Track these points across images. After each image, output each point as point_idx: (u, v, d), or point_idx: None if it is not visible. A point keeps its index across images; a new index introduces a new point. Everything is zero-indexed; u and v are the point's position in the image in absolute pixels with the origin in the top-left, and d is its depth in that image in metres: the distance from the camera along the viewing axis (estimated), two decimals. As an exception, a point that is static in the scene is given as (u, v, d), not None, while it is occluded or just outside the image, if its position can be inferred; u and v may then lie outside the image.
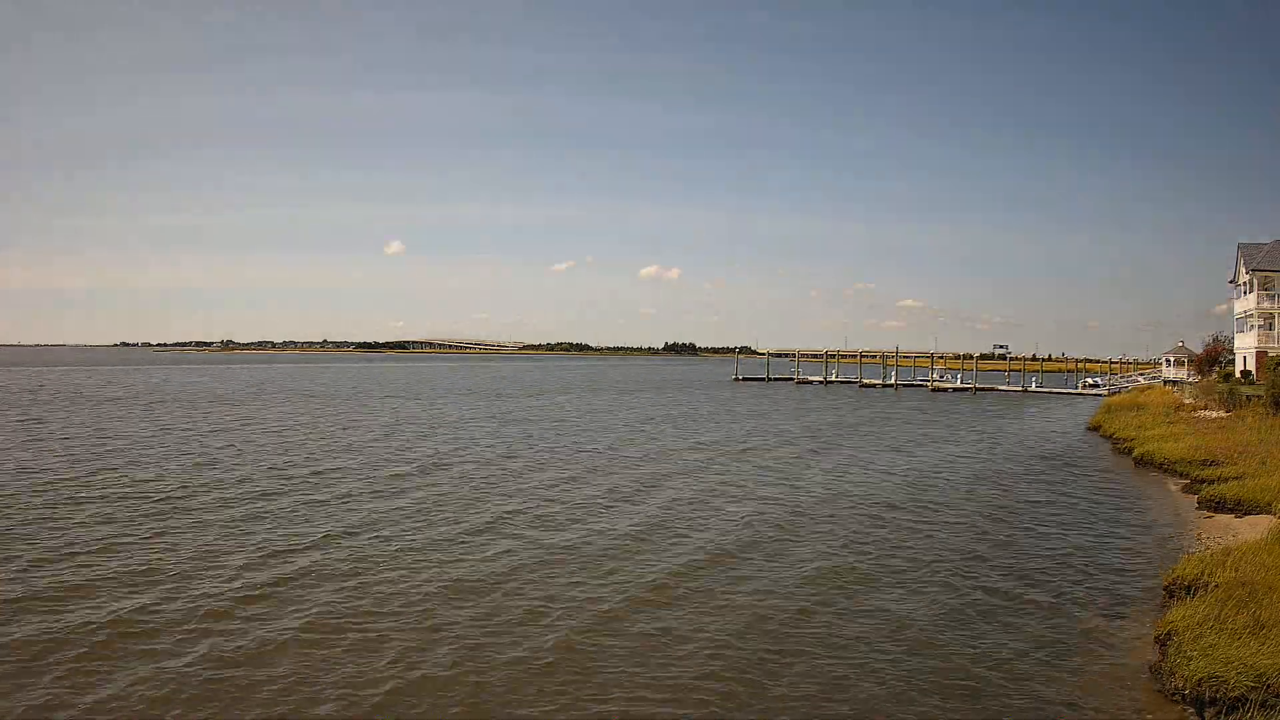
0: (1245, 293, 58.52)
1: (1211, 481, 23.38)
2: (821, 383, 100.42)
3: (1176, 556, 16.16)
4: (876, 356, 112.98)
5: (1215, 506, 21.22)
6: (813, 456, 33.26)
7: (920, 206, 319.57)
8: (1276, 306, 55.08)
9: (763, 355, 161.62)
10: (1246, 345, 58.33)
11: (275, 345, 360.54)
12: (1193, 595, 12.76)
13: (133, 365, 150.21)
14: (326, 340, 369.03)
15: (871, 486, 26.00)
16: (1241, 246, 59.95)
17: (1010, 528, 20.12)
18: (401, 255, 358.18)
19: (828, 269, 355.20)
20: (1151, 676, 10.66)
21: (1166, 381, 73.04)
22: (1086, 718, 9.77)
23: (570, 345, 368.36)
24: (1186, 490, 24.42)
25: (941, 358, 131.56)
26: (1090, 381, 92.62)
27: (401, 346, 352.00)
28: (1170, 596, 13.58)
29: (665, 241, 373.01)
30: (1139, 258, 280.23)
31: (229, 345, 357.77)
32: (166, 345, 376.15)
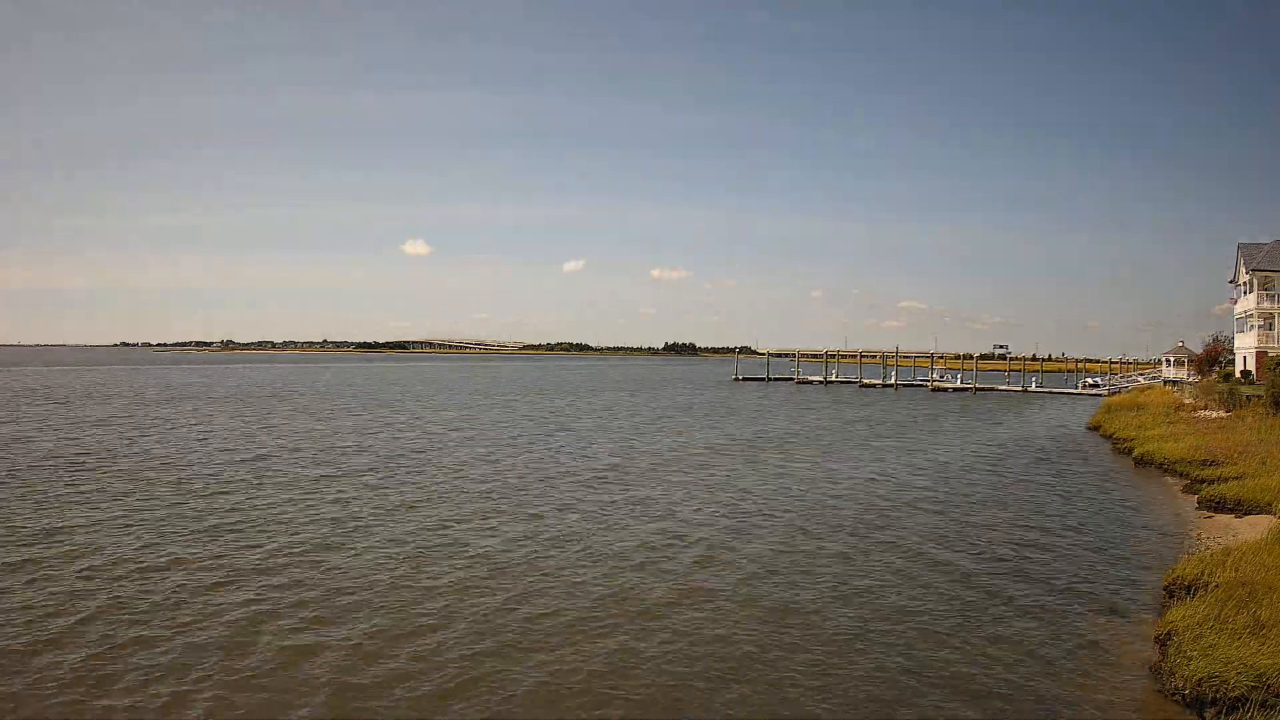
0: (1245, 293, 58.55)
1: (1211, 481, 23.39)
2: (821, 383, 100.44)
3: (1176, 556, 16.18)
4: (876, 356, 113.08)
5: (1215, 506, 21.23)
6: (813, 457, 33.26)
7: (920, 206, 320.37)
8: (1276, 306, 55.10)
9: (763, 355, 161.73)
10: (1246, 345, 58.36)
11: (275, 345, 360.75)
12: (1193, 595, 12.76)
13: (135, 365, 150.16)
14: (326, 340, 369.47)
15: (871, 486, 26.00)
16: (1241, 246, 59.99)
17: (1010, 527, 20.12)
18: (424, 255, 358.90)
19: (828, 269, 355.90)
20: (1151, 676, 10.67)
21: (1166, 381, 73.08)
22: (1086, 718, 9.77)
23: (570, 345, 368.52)
24: (1186, 490, 24.43)
25: (941, 358, 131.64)
26: (1090, 381, 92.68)
27: (401, 346, 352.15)
28: (1170, 596, 13.59)
29: (665, 242, 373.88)
30: (1139, 258, 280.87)
31: (229, 345, 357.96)
32: (166, 345, 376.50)
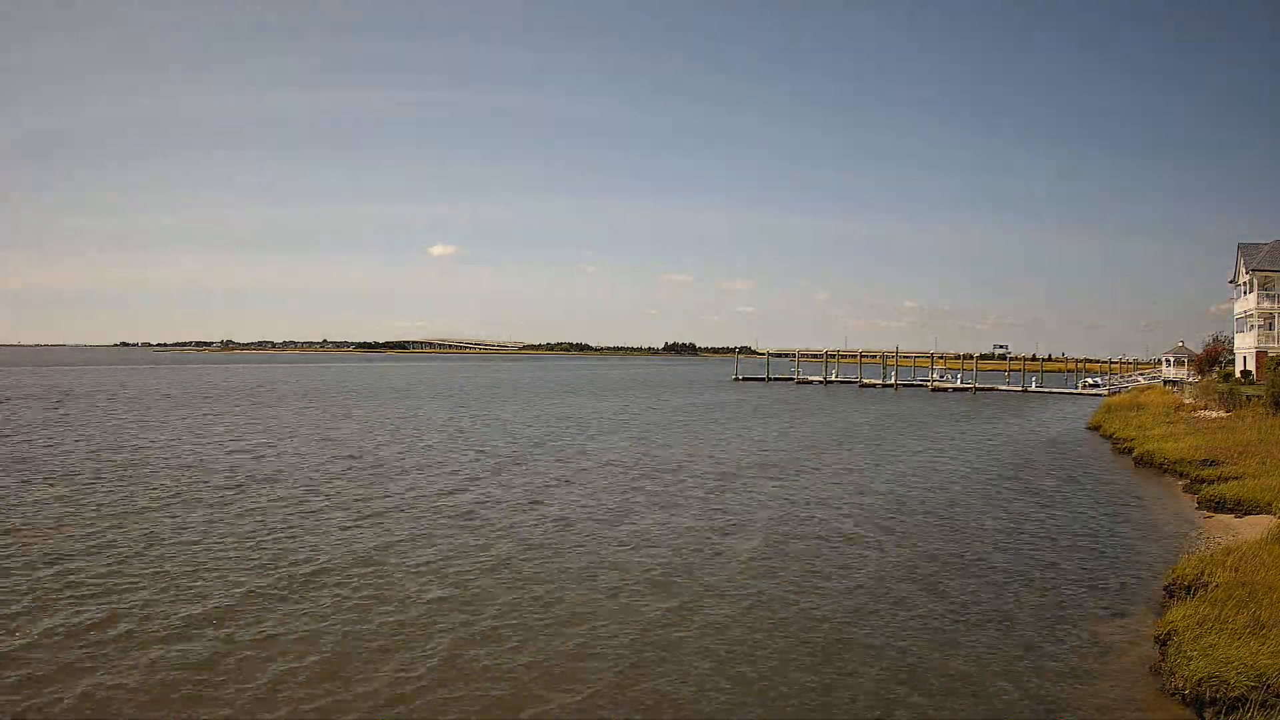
0: (1245, 293, 58.56)
1: (1211, 481, 23.39)
2: (821, 383, 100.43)
3: (1176, 556, 16.15)
4: (876, 356, 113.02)
5: (1215, 506, 21.24)
6: (814, 458, 33.26)
7: (920, 206, 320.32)
8: (1276, 306, 55.11)
9: (763, 355, 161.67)
10: (1246, 345, 58.38)
11: (275, 345, 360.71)
12: (1193, 595, 12.75)
13: (150, 365, 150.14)
14: (326, 340, 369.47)
15: (870, 486, 26.00)
16: (1241, 246, 60.00)
17: (1009, 527, 20.11)
18: (424, 255, 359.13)
19: (828, 269, 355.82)
20: (1151, 676, 10.66)
21: (1166, 381, 73.11)
22: (1086, 718, 9.77)
23: (570, 345, 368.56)
24: (1186, 490, 24.43)
25: (941, 358, 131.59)
26: (1090, 381, 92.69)
27: (401, 346, 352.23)
28: (1170, 596, 13.58)
29: (666, 241, 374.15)
30: (1139, 258, 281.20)
31: (229, 345, 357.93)
32: (166, 345, 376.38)
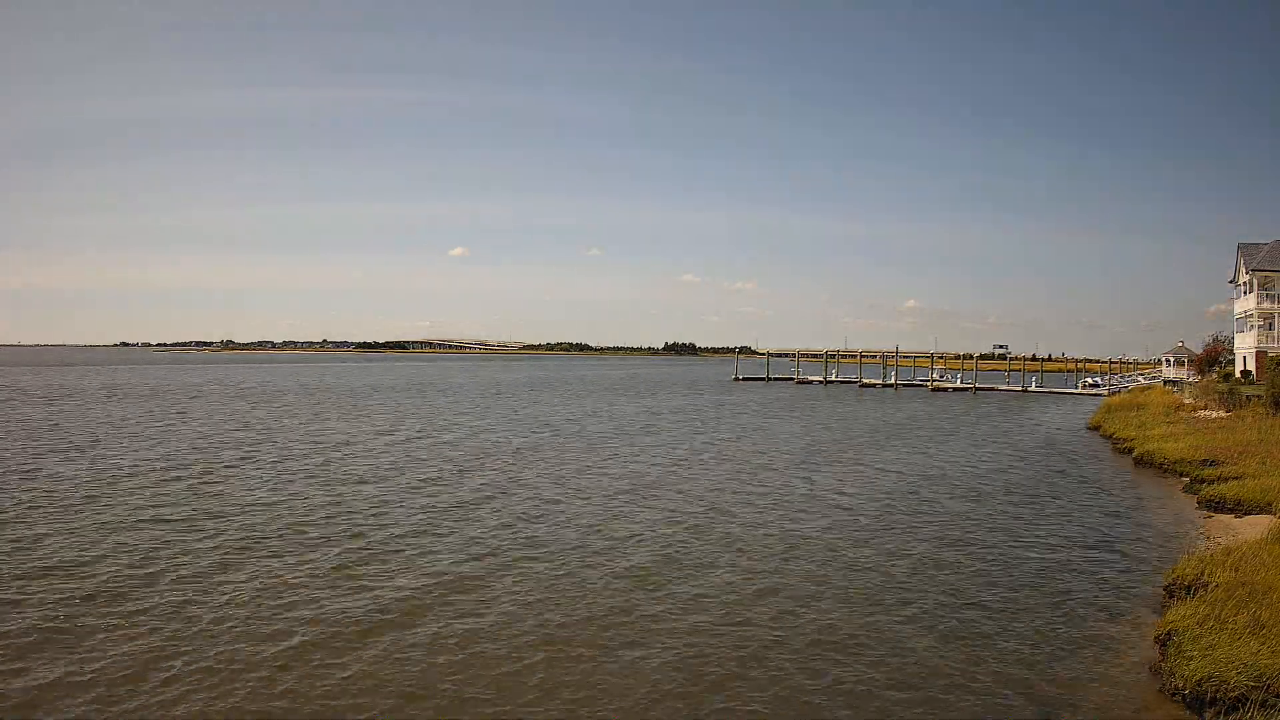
0: (1245, 293, 58.56)
1: (1211, 481, 23.40)
2: (821, 383, 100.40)
3: (1176, 556, 16.15)
4: (876, 356, 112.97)
5: (1215, 506, 21.25)
6: (812, 458, 33.26)
7: (920, 206, 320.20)
8: (1276, 306, 55.12)
9: (762, 355, 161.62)
10: (1246, 345, 58.38)
11: (275, 345, 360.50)
12: (1193, 595, 12.76)
13: (140, 365, 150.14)
14: (326, 340, 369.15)
15: (870, 486, 26.00)
16: (1241, 246, 60.00)
17: (1010, 527, 20.11)
18: (424, 255, 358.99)
19: (828, 269, 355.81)
20: (1151, 676, 10.67)
21: (1166, 381, 73.06)
22: (1086, 718, 9.77)
23: (570, 345, 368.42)
24: (1186, 490, 24.43)
25: (941, 358, 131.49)
26: (1090, 381, 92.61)
27: (401, 346, 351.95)
28: (1170, 596, 13.59)
29: (665, 241, 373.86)
30: (1139, 258, 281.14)
31: (229, 345, 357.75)
32: (167, 345, 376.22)
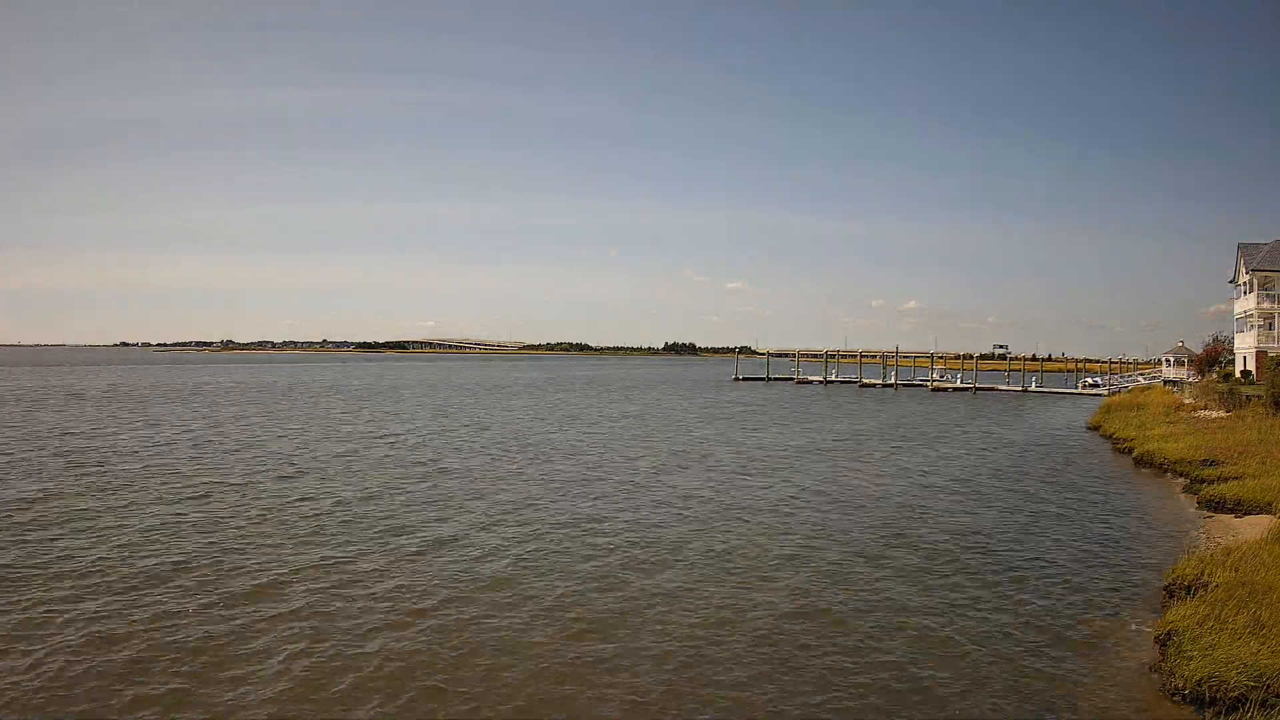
0: (1245, 293, 58.56)
1: (1211, 481, 23.39)
2: (821, 383, 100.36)
3: (1176, 556, 16.15)
4: (876, 356, 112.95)
5: (1215, 506, 21.24)
6: (809, 457, 33.26)
7: (920, 206, 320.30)
8: (1276, 306, 55.11)
9: (762, 355, 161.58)
10: (1246, 345, 58.37)
11: (275, 345, 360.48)
12: (1193, 595, 12.76)
13: (139, 365, 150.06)
14: (326, 340, 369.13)
15: (869, 486, 25.98)
16: (1241, 246, 60.00)
17: (1010, 527, 20.10)
18: (424, 255, 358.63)
19: (828, 269, 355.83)
20: (1151, 676, 10.67)
21: (1166, 381, 73.05)
22: (1086, 718, 9.77)
23: (570, 345, 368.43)
24: (1186, 490, 24.42)
25: (941, 358, 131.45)
26: (1090, 381, 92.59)
27: (401, 346, 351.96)
28: (1170, 596, 13.59)
29: (666, 241, 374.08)
30: (1139, 258, 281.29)
31: (229, 345, 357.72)
32: (167, 345, 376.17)
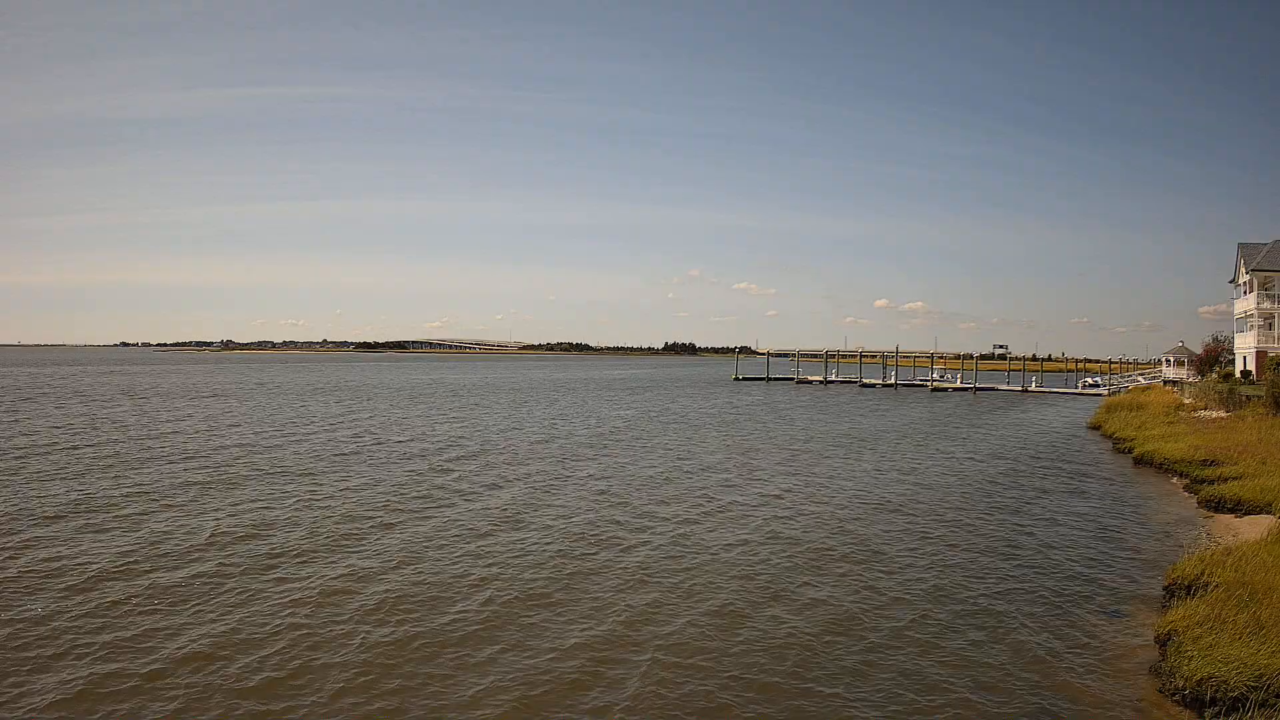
0: (1245, 293, 58.55)
1: (1212, 481, 23.37)
2: (821, 383, 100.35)
3: (1176, 556, 16.13)
4: (876, 356, 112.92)
5: (1215, 506, 21.22)
6: (808, 457, 33.25)
7: (920, 206, 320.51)
8: (1276, 306, 55.11)
9: (762, 355, 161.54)
10: (1246, 345, 58.37)
11: (275, 345, 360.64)
12: (1193, 595, 12.72)
13: (141, 365, 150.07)
14: (326, 340, 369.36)
15: (868, 486, 25.96)
16: (1241, 246, 59.99)
17: (1009, 527, 20.08)
18: (424, 255, 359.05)
19: (827, 269, 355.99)
20: (1151, 676, 10.64)
21: (1166, 381, 73.03)
22: (1086, 718, 9.75)
23: (570, 345, 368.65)
24: (1187, 490, 24.41)
25: (941, 358, 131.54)
26: (1090, 381, 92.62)
27: (401, 346, 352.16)
28: (1170, 596, 13.54)
29: (666, 241, 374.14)
30: (1139, 258, 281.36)
31: (229, 345, 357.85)
32: (166, 345, 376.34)
